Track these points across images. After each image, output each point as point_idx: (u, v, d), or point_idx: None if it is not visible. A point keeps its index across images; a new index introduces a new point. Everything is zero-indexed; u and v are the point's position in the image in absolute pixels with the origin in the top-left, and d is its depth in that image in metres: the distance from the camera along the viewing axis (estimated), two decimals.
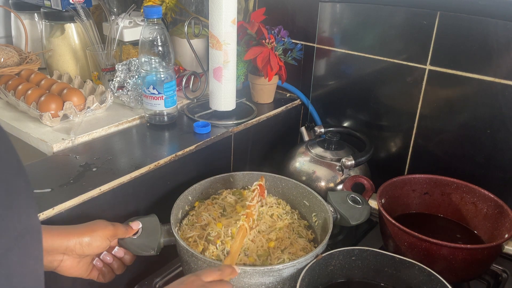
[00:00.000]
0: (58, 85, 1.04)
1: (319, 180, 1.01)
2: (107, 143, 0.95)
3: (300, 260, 0.72)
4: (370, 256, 0.76)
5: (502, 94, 0.89)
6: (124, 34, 1.19)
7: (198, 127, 1.00)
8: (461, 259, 0.75)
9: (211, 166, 0.99)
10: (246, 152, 1.12)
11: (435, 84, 0.98)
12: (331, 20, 1.12)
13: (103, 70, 1.17)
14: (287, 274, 0.72)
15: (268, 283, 0.71)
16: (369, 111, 1.11)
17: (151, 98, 0.99)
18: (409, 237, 0.78)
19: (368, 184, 0.96)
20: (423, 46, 0.97)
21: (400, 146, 1.08)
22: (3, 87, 1.07)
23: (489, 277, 0.88)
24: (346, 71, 1.13)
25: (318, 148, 1.05)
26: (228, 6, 0.99)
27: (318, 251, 0.75)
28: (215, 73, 1.05)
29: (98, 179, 0.80)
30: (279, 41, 1.14)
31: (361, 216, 0.85)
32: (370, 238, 0.97)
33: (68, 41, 1.21)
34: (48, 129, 0.95)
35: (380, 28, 1.03)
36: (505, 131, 0.91)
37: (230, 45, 1.03)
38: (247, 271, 0.70)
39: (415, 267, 0.73)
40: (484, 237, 0.88)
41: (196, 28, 1.14)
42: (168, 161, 0.90)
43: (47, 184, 0.78)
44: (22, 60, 1.21)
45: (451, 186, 0.92)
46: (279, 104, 1.20)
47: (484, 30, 0.88)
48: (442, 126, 1.00)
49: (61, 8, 1.16)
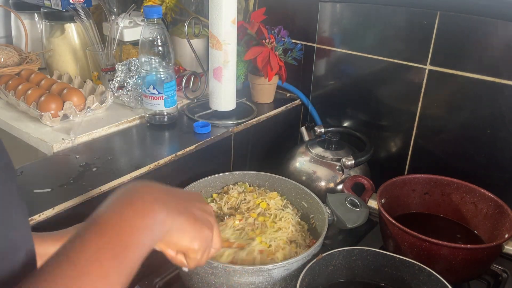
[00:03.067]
0: (58, 85, 1.04)
1: (319, 180, 1.01)
2: (107, 143, 0.95)
3: (291, 261, 0.72)
4: (370, 256, 0.76)
5: (502, 94, 0.89)
6: (124, 34, 1.19)
7: (198, 127, 1.00)
8: (461, 259, 0.75)
9: (211, 166, 0.99)
10: (246, 152, 1.12)
11: (435, 84, 0.98)
12: (331, 20, 1.12)
13: (103, 70, 1.17)
14: (277, 275, 0.72)
15: (258, 283, 0.71)
16: (369, 111, 1.11)
17: (151, 98, 0.99)
18: (409, 237, 0.78)
19: (368, 184, 0.96)
20: (423, 46, 0.97)
21: (400, 146, 1.08)
22: (3, 87, 1.07)
23: (489, 277, 0.87)
24: (346, 71, 1.13)
25: (318, 148, 1.05)
26: (228, 6, 0.99)
27: (309, 253, 0.74)
28: (215, 73, 1.05)
29: (98, 179, 0.80)
30: (279, 41, 1.14)
31: (359, 219, 0.85)
32: (370, 238, 0.97)
33: (68, 41, 1.21)
34: (48, 129, 0.95)
35: (380, 28, 1.03)
36: (505, 131, 0.91)
37: (230, 45, 1.03)
38: (236, 270, 0.70)
39: (415, 267, 0.73)
40: (484, 237, 0.88)
41: (196, 28, 1.14)
42: (168, 161, 0.90)
43: (47, 184, 0.78)
44: (22, 60, 1.21)
45: (451, 186, 0.92)
46: (279, 104, 1.20)
47: (484, 30, 0.88)
48: (442, 126, 1.00)
49: (61, 8, 1.16)
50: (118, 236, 0.42)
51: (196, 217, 0.52)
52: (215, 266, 0.70)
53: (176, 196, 0.52)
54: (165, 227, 0.48)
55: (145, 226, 0.44)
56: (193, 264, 0.55)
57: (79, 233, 0.41)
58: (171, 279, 0.85)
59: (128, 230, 0.43)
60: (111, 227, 0.42)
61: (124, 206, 0.45)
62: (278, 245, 0.79)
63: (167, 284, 0.84)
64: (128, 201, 0.46)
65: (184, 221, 0.50)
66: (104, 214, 0.44)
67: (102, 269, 0.39)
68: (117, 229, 0.42)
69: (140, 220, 0.44)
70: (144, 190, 0.48)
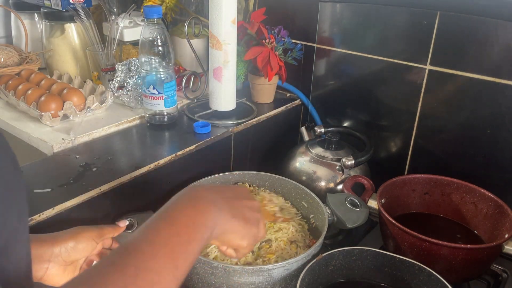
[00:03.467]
0: (58, 85, 1.04)
1: (319, 180, 1.01)
2: (107, 143, 0.95)
3: (290, 261, 0.72)
4: (370, 256, 0.76)
5: (502, 94, 0.89)
6: (124, 34, 1.19)
7: (198, 127, 1.00)
8: (461, 259, 0.75)
9: (211, 166, 0.99)
10: (246, 152, 1.12)
11: (435, 84, 0.98)
12: (331, 20, 1.12)
13: (103, 70, 1.17)
14: (277, 275, 0.72)
15: (258, 283, 0.71)
16: (369, 111, 1.11)
17: (151, 98, 0.99)
18: (409, 237, 0.78)
19: (368, 184, 0.96)
20: (423, 46, 0.97)
21: (400, 146, 1.08)
22: (3, 87, 1.07)
23: (489, 277, 0.87)
24: (346, 71, 1.13)
25: (318, 148, 1.05)
26: (228, 6, 0.99)
27: (309, 253, 0.74)
28: (215, 73, 1.05)
29: (98, 179, 0.80)
30: (279, 41, 1.14)
31: (358, 219, 0.85)
32: (370, 238, 0.97)
33: (68, 41, 1.21)
34: (48, 129, 0.95)
35: (380, 28, 1.03)
36: (505, 131, 0.91)
37: (230, 45, 1.03)
38: (236, 270, 0.70)
39: (415, 267, 0.73)
40: (484, 237, 0.88)
41: (196, 28, 1.14)
42: (168, 161, 0.90)
43: (47, 184, 0.78)
44: (22, 60, 1.21)
45: (451, 186, 0.92)
46: (279, 104, 1.20)
47: (484, 30, 0.88)
48: (442, 126, 1.00)
49: (61, 8, 1.16)
50: (185, 228, 0.48)
51: (246, 218, 0.59)
52: (215, 266, 0.70)
53: (229, 198, 0.58)
54: (219, 228, 0.54)
55: (205, 224, 0.51)
56: (241, 256, 0.63)
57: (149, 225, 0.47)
58: None
59: (192, 225, 0.49)
60: (178, 221, 0.49)
61: (187, 206, 0.52)
62: (278, 245, 0.79)
63: None
64: (189, 201, 0.52)
65: (236, 223, 0.57)
66: (169, 211, 0.50)
67: (173, 253, 0.44)
68: (183, 222, 0.49)
69: (200, 217, 0.51)
70: (201, 195, 0.54)
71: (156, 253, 0.43)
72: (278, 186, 0.95)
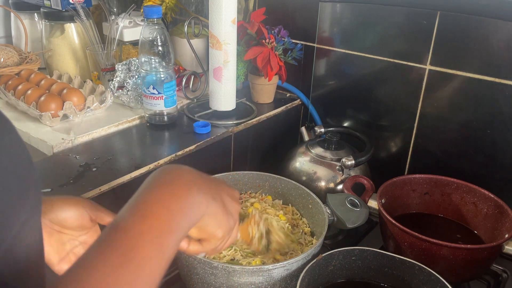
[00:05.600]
0: (58, 85, 1.04)
1: (319, 180, 1.01)
2: (107, 143, 0.95)
3: (291, 261, 0.72)
4: (370, 256, 0.76)
5: (502, 94, 0.89)
6: (124, 34, 1.19)
7: (198, 127, 1.00)
8: (461, 259, 0.75)
9: (211, 166, 0.99)
10: (246, 152, 1.12)
11: (435, 84, 0.98)
12: (331, 20, 1.12)
13: (103, 70, 1.17)
14: (277, 275, 0.72)
15: (258, 283, 0.71)
16: (369, 111, 1.11)
17: (151, 98, 0.99)
18: (409, 237, 0.78)
19: (368, 184, 0.96)
20: (423, 46, 0.97)
21: (400, 146, 1.08)
22: (3, 87, 1.07)
23: (489, 277, 0.87)
24: (346, 71, 1.13)
25: (318, 148, 1.04)
26: (228, 6, 0.99)
27: (309, 253, 0.74)
28: (215, 73, 1.05)
29: (98, 179, 0.80)
30: (279, 41, 1.14)
31: (358, 219, 0.85)
32: (370, 238, 0.97)
33: (68, 41, 1.21)
34: (48, 129, 0.95)
35: (380, 28, 1.03)
36: (505, 131, 0.91)
37: (230, 45, 1.03)
38: (236, 270, 0.70)
39: (415, 267, 0.73)
40: (484, 237, 0.88)
41: (196, 28, 1.14)
42: (168, 161, 0.90)
43: (47, 184, 0.78)
44: (22, 60, 1.21)
45: (451, 186, 0.92)
46: (279, 104, 1.20)
47: (484, 30, 0.88)
48: (442, 126, 1.00)
49: (61, 8, 1.16)
50: (158, 221, 0.43)
51: (225, 205, 0.52)
52: (215, 266, 0.70)
53: (208, 180, 0.52)
54: (200, 211, 0.48)
55: (182, 209, 0.45)
56: (209, 250, 0.55)
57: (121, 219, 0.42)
58: (171, 279, 0.85)
59: (167, 214, 0.44)
60: (151, 213, 0.43)
61: (162, 189, 0.46)
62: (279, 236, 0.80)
63: (167, 284, 0.84)
64: (165, 183, 0.46)
65: (216, 207, 0.51)
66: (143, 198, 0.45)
67: (145, 254, 0.40)
68: (156, 214, 0.43)
69: (177, 203, 0.45)
70: (179, 172, 0.49)
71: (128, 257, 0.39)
72: (277, 186, 0.95)
